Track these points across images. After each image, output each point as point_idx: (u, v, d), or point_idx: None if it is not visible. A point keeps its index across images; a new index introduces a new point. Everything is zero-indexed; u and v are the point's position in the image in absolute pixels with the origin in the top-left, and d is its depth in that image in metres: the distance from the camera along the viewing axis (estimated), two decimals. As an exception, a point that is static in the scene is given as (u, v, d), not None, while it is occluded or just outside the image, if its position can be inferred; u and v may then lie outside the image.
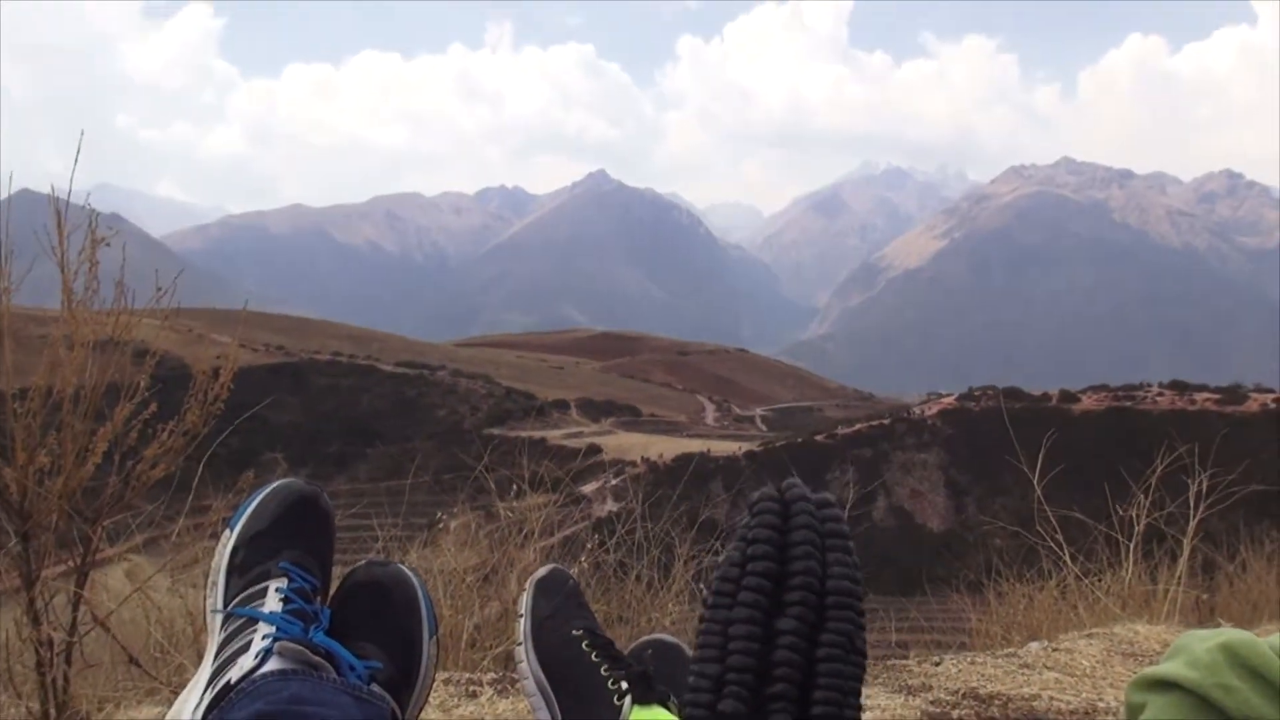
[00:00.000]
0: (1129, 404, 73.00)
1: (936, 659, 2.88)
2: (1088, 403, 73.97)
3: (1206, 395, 73.28)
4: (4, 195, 3.00)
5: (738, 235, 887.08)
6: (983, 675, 2.61)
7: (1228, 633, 0.93)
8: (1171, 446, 5.05)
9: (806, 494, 0.55)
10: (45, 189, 2.90)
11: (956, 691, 2.42)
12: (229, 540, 1.25)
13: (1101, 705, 2.32)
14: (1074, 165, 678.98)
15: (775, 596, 0.51)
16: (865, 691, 2.45)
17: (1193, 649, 0.94)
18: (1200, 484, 4.81)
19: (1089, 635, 3.18)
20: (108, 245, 2.88)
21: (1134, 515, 4.82)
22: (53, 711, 2.63)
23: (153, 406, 3.00)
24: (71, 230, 2.84)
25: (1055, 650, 2.93)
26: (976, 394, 76.19)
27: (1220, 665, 0.90)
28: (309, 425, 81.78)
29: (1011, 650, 3.06)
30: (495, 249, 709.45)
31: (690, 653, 1.59)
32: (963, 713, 2.23)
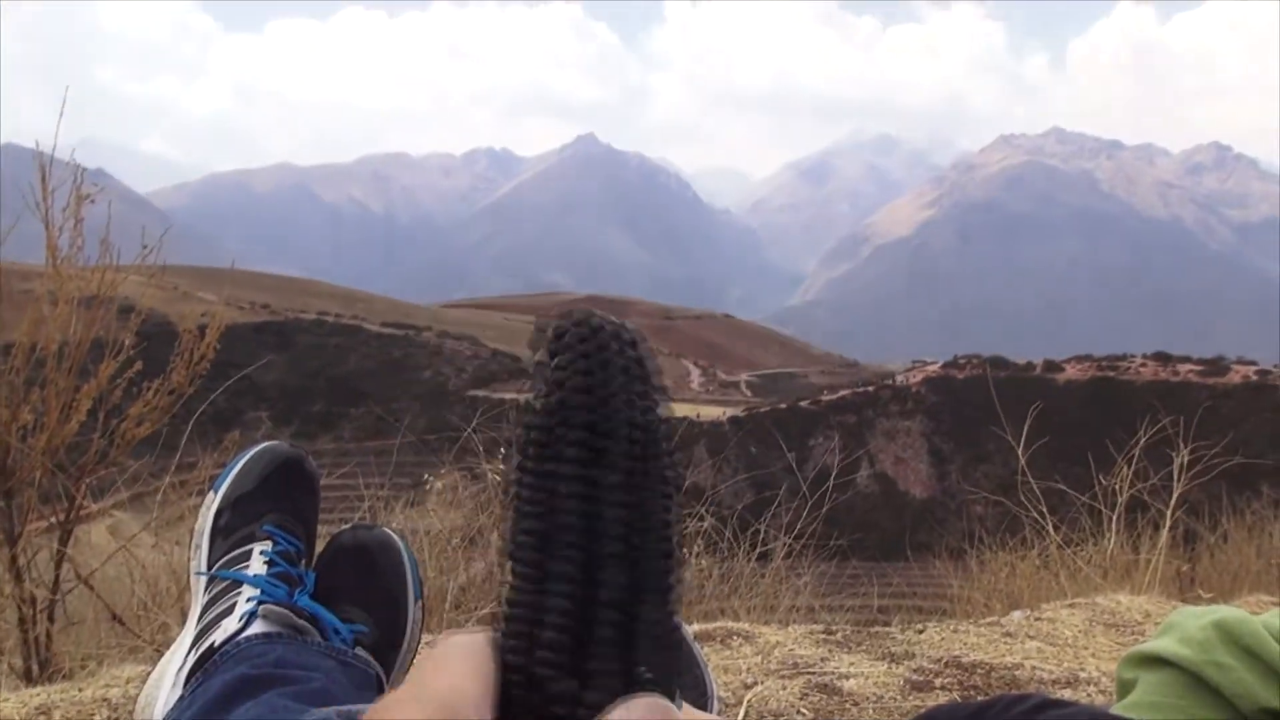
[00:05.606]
0: (1112, 374, 73.31)
1: (920, 626, 2.89)
2: (1072, 372, 74.26)
3: (1190, 366, 73.58)
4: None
5: (726, 200, 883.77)
6: (965, 644, 2.62)
7: (1221, 610, 0.92)
8: (1155, 418, 5.07)
9: (609, 320, 0.46)
10: (28, 143, 2.87)
11: (939, 660, 2.43)
12: (213, 502, 1.24)
13: (1084, 675, 2.33)
14: (1063, 135, 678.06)
15: (594, 449, 0.45)
16: (849, 659, 2.47)
17: (1186, 626, 0.93)
18: (1183, 456, 4.83)
19: (1071, 605, 3.19)
20: (93, 202, 2.85)
21: (1117, 486, 4.85)
22: (35, 668, 2.63)
23: (138, 364, 2.99)
24: (56, 186, 2.81)
25: (1038, 619, 2.94)
26: (961, 362, 76.31)
27: (1213, 643, 0.89)
28: (294, 384, 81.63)
29: (994, 619, 3.07)
30: (482, 211, 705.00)
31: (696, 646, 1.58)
32: (946, 681, 2.24)
